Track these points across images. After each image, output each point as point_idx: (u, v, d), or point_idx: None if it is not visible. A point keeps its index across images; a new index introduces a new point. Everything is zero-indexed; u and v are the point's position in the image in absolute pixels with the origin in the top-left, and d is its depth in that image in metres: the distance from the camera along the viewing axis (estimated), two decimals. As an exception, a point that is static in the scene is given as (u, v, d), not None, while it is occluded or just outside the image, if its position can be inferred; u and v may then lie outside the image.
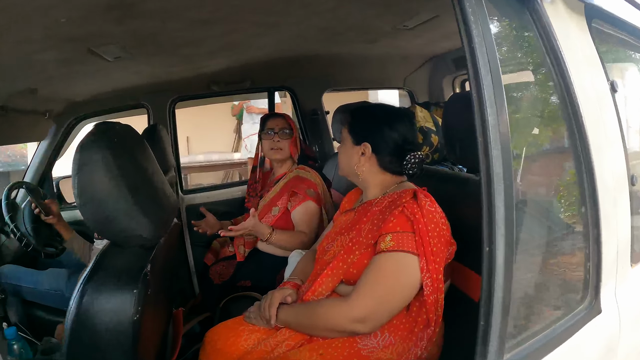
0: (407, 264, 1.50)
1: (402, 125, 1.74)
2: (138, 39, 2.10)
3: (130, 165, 1.32)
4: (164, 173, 2.90)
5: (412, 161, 1.72)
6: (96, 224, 1.30)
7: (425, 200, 1.57)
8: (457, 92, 1.92)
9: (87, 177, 1.23)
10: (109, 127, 1.34)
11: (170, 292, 2.06)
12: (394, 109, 1.83)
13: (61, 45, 1.95)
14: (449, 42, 3.24)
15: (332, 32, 2.64)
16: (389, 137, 1.73)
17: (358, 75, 3.96)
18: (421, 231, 1.50)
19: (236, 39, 2.45)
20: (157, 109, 3.51)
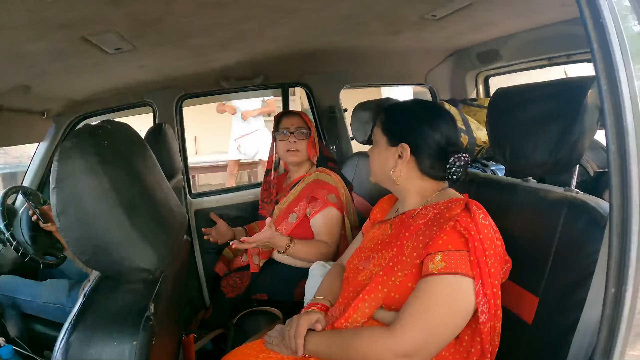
0: (461, 288, 1.30)
1: (444, 124, 1.54)
2: (139, 27, 1.88)
3: (126, 175, 1.08)
4: (170, 177, 2.73)
5: (456, 164, 1.50)
6: (82, 253, 1.03)
7: (479, 213, 1.37)
8: (503, 87, 1.68)
9: (68, 193, 0.99)
10: (97, 127, 1.09)
11: (181, 316, 1.81)
12: (433, 105, 1.64)
13: (51, 33, 1.72)
14: (475, 34, 3.05)
15: (355, 22, 2.43)
16: (431, 137, 1.52)
17: (378, 71, 3.74)
18: (477, 249, 1.30)
19: (249, 28, 2.23)
20: (163, 107, 3.33)
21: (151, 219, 1.12)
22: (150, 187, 1.19)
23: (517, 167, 1.60)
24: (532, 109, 1.52)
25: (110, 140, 1.07)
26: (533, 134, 1.50)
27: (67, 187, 0.98)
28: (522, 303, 1.45)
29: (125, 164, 1.09)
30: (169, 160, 2.74)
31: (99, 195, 0.98)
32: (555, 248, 1.36)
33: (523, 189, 1.58)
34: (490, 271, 1.29)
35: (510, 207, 1.57)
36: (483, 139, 2.94)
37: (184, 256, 1.54)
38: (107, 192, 0.99)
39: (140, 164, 1.20)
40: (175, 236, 1.28)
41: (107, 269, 1.08)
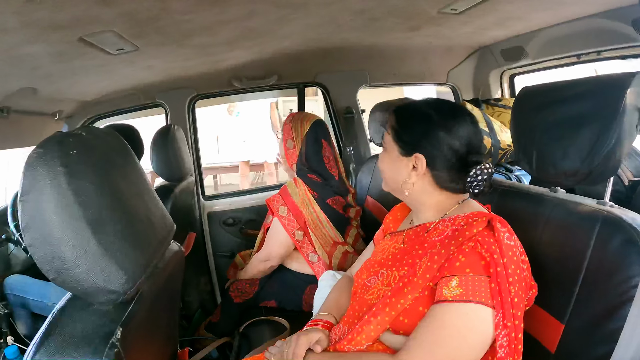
0: (479, 319, 1.16)
1: (464, 129, 1.34)
2: (136, 26, 1.79)
3: (95, 187, 0.99)
4: (179, 180, 2.68)
5: (478, 178, 1.32)
6: (48, 271, 0.95)
7: (503, 232, 1.21)
8: (529, 86, 1.53)
9: (32, 206, 0.91)
10: (69, 134, 1.01)
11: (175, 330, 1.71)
12: (451, 105, 1.42)
13: (46, 35, 1.65)
14: (500, 30, 2.89)
15: (369, 17, 2.31)
16: (448, 145, 1.33)
17: (397, 70, 3.60)
18: (499, 275, 1.15)
19: (256, 25, 2.13)
20: (175, 108, 3.29)
21: (121, 235, 1.03)
22: (125, 200, 1.10)
23: (544, 176, 1.46)
24: (562, 111, 1.37)
25: (81, 149, 0.99)
26: (563, 138, 1.35)
27: (31, 200, 0.91)
28: (545, 329, 1.30)
29: (96, 176, 1.00)
30: (178, 162, 2.70)
31: (62, 209, 0.91)
32: (585, 269, 1.21)
33: (550, 200, 1.41)
34: (514, 300, 1.15)
35: (536, 220, 1.40)
36: (507, 142, 2.81)
37: (173, 268, 1.43)
38: (71, 206, 0.92)
39: (117, 174, 1.11)
40: (154, 252, 1.18)
41: (74, 289, 1.00)
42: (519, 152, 1.55)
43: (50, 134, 2.54)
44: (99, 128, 1.14)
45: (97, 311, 1.03)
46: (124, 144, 1.23)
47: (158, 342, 1.44)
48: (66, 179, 0.91)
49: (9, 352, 2.21)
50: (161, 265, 1.28)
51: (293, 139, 2.45)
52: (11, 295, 2.56)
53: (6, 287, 2.58)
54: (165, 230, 1.32)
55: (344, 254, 2.32)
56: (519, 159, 1.54)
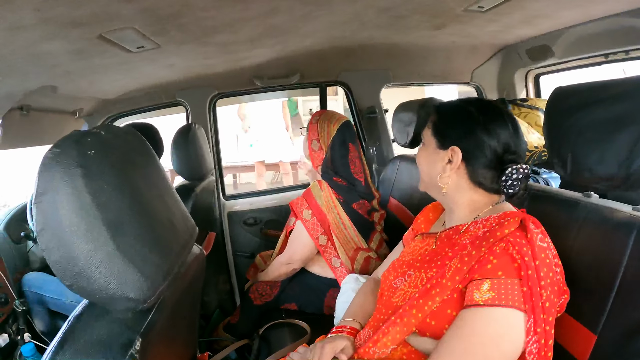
0: (511, 325, 1.11)
1: (503, 129, 1.32)
2: (157, 23, 1.75)
3: (113, 189, 0.94)
4: (200, 179, 2.64)
5: (514, 177, 1.28)
6: (64, 277, 0.90)
7: (536, 233, 1.16)
8: (563, 86, 1.47)
9: (48, 209, 0.86)
10: (86, 134, 0.96)
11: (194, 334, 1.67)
12: (492, 106, 1.40)
13: (65, 32, 1.62)
14: (526, 28, 2.81)
15: (394, 15, 2.25)
16: (486, 143, 1.31)
17: (420, 69, 3.53)
18: (531, 279, 1.10)
19: (279, 23, 2.08)
20: (196, 107, 3.28)
21: (142, 239, 0.98)
22: (146, 202, 1.05)
23: (579, 180, 1.40)
24: (599, 112, 1.30)
25: (99, 148, 0.94)
26: (600, 142, 1.28)
27: (46, 202, 0.86)
28: (576, 339, 1.24)
29: (114, 177, 0.96)
30: (199, 161, 2.67)
31: (79, 211, 0.86)
32: (620, 279, 1.15)
33: (584, 206, 1.36)
34: (545, 305, 1.09)
35: (568, 226, 1.35)
36: (535, 144, 2.74)
37: (195, 272, 1.39)
38: (89, 209, 0.86)
39: (137, 175, 1.06)
40: (176, 257, 1.13)
41: (91, 296, 0.95)
42: (553, 155, 1.48)
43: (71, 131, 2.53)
44: (119, 126, 1.09)
45: (115, 319, 0.98)
46: (144, 143, 1.18)
47: (177, 348, 1.40)
48: (83, 180, 0.86)
49: (25, 349, 2.22)
50: (183, 270, 1.23)
51: (319, 141, 2.41)
52: (29, 292, 2.59)
53: (24, 284, 2.61)
54: (187, 233, 1.27)
55: (366, 260, 2.27)
56: (553, 162, 1.48)
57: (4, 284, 2.42)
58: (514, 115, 1.40)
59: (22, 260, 2.73)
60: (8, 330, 2.35)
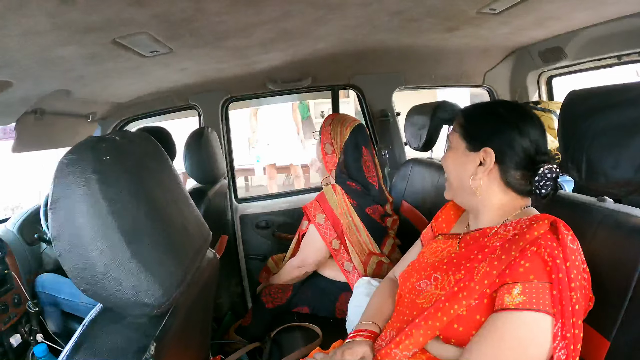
0: (540, 329, 1.10)
1: (533, 129, 1.33)
2: (170, 28, 1.76)
3: (129, 195, 0.94)
4: (213, 182, 2.65)
5: (547, 176, 1.29)
6: (79, 283, 0.90)
7: (566, 235, 1.15)
8: (577, 89, 1.46)
9: (63, 215, 0.86)
10: (101, 139, 0.96)
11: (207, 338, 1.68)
12: (520, 106, 1.40)
13: (79, 37, 1.62)
14: (539, 30, 2.79)
15: (407, 18, 2.24)
16: (518, 143, 1.31)
17: (433, 71, 3.53)
18: (561, 282, 1.09)
19: (292, 27, 2.07)
20: (209, 110, 3.29)
21: (157, 246, 0.98)
22: (161, 208, 1.05)
23: (594, 185, 1.38)
24: (615, 116, 1.28)
25: (114, 154, 0.94)
26: (615, 146, 1.27)
27: (62, 208, 0.86)
28: (589, 345, 1.21)
29: (130, 183, 0.96)
30: (211, 165, 2.67)
31: (95, 218, 0.86)
32: (635, 286, 1.14)
33: (599, 211, 1.35)
34: (574, 308, 1.08)
35: (582, 231, 1.31)
36: (548, 147, 2.71)
37: (208, 277, 1.39)
38: (105, 215, 0.86)
39: (152, 180, 1.06)
40: (190, 263, 1.13)
41: (106, 301, 0.95)
42: (567, 159, 1.46)
43: (84, 136, 2.56)
44: (133, 132, 1.09)
45: (130, 324, 0.99)
46: (158, 148, 1.18)
47: (191, 352, 1.40)
48: (99, 186, 0.86)
49: (38, 350, 2.24)
50: (197, 275, 1.23)
51: (332, 144, 2.41)
52: (42, 293, 2.61)
53: (38, 285, 2.63)
54: (201, 238, 1.27)
55: (378, 264, 2.27)
56: (567, 167, 1.46)
57: (18, 285, 2.45)
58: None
59: (36, 261, 2.74)
60: (21, 331, 2.38)
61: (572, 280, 1.08)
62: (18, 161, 8.77)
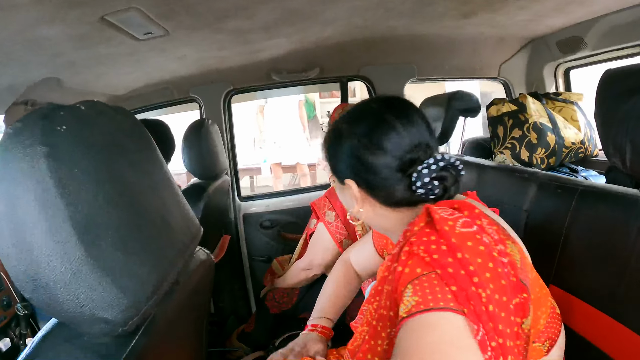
0: (455, 327, 0.81)
1: (387, 135, 1.06)
2: (164, 3, 1.62)
3: (88, 177, 0.73)
4: (213, 178, 2.48)
5: (424, 180, 1.02)
6: (24, 287, 0.71)
7: (454, 219, 0.92)
8: (613, 68, 1.32)
9: (2, 200, 0.67)
10: (59, 107, 0.75)
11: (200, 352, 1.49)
12: (366, 111, 1.15)
13: (63, 13, 1.49)
14: (558, 17, 2.65)
15: (421, 2, 2.12)
16: (375, 163, 1.07)
17: (446, 63, 3.38)
18: (456, 276, 0.84)
19: (298, 7, 1.95)
20: (210, 103, 3.17)
21: (123, 244, 0.77)
22: (132, 195, 0.85)
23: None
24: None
25: (74, 125, 0.74)
26: None
27: (2, 191, 0.67)
28: (636, 354, 1.10)
29: (91, 161, 0.75)
30: (212, 159, 2.52)
31: (39, 204, 0.66)
32: None
33: None
34: (489, 310, 0.82)
35: (625, 228, 1.19)
36: (572, 139, 2.57)
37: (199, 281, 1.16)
38: (53, 201, 0.66)
39: (124, 161, 0.86)
40: (169, 265, 0.92)
41: (56, 314, 0.75)
42: (609, 145, 1.32)
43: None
44: (107, 104, 0.90)
45: (88, 345, 0.77)
46: (138, 125, 0.99)
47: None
48: (47, 162, 0.67)
49: None
50: (182, 280, 1.02)
51: None
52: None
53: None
54: (188, 236, 1.05)
55: None
56: (608, 154, 1.32)
57: (6, 286, 2.33)
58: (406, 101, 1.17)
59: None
60: (10, 335, 2.26)
61: (472, 273, 0.84)
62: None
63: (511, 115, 2.65)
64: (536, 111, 2.59)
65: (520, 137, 2.59)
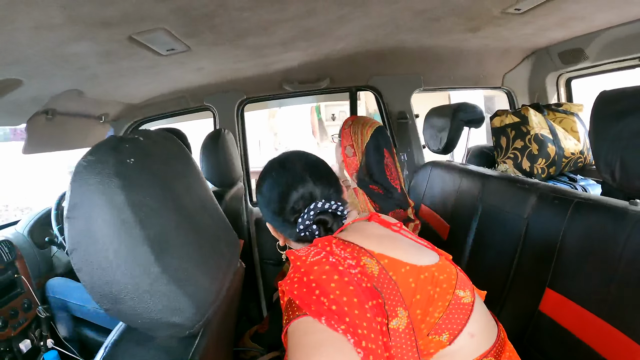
0: (302, 326, 0.94)
1: (279, 191, 1.27)
2: (190, 24, 1.70)
3: (157, 202, 0.83)
4: (230, 185, 2.57)
5: (304, 224, 1.23)
6: (101, 300, 0.80)
7: (304, 256, 1.07)
8: (608, 90, 1.42)
9: (82, 225, 0.76)
10: (123, 140, 0.85)
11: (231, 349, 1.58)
12: (271, 169, 1.35)
13: (93, 32, 1.56)
14: (560, 31, 2.73)
15: (430, 17, 2.19)
16: (270, 212, 1.30)
17: (452, 73, 3.46)
18: (298, 295, 0.98)
19: (314, 25, 2.02)
20: (224, 112, 3.24)
21: (189, 259, 0.88)
22: (191, 215, 0.95)
23: (630, 188, 1.35)
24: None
25: (139, 156, 0.83)
26: None
27: (80, 217, 0.75)
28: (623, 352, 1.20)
29: (157, 188, 0.86)
30: (229, 168, 2.61)
31: (119, 229, 0.75)
32: None
33: (632, 215, 1.29)
34: (338, 309, 0.93)
35: (615, 236, 1.30)
36: (571, 150, 2.65)
37: (235, 289, 1.29)
38: (130, 224, 0.76)
39: (179, 184, 0.96)
40: (223, 276, 1.03)
41: (132, 322, 0.84)
42: (600, 161, 1.44)
43: (96, 137, 2.50)
44: (155, 131, 0.99)
45: (158, 347, 0.88)
46: (183, 149, 1.08)
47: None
48: (124, 192, 0.76)
49: (49, 356, 2.21)
50: (228, 288, 1.12)
51: (353, 146, 2.33)
52: (53, 298, 2.57)
53: (48, 290, 2.60)
54: (233, 248, 1.18)
55: None
56: (600, 170, 1.44)
57: (28, 289, 2.41)
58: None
59: (46, 265, 2.69)
60: (31, 336, 2.34)
61: (314, 288, 0.97)
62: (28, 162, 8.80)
63: (514, 126, 2.72)
64: (537, 123, 2.66)
65: (522, 148, 2.66)
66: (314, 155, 1.36)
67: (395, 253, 1.08)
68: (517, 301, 1.71)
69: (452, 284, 1.08)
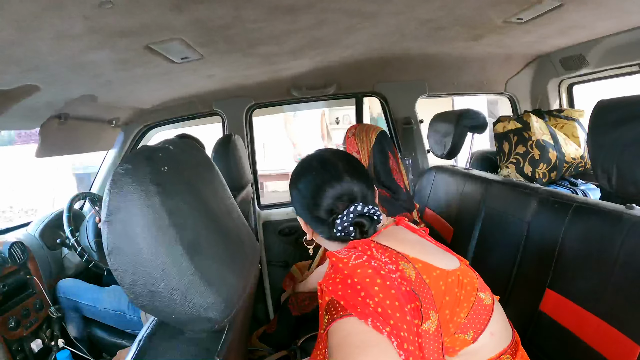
0: (357, 330, 0.98)
1: (317, 188, 1.32)
2: (206, 34, 1.75)
3: (189, 207, 0.89)
4: (240, 190, 2.62)
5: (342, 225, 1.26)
6: (137, 298, 0.85)
7: (345, 258, 1.11)
8: (606, 99, 1.47)
9: (120, 228, 0.81)
10: (156, 149, 0.91)
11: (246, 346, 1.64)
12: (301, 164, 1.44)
13: (112, 41, 1.62)
14: (561, 38, 2.77)
15: (435, 27, 2.24)
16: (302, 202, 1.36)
17: (455, 79, 3.51)
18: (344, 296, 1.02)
19: (323, 35, 2.08)
20: (233, 117, 3.29)
21: (218, 259, 0.94)
22: (218, 219, 1.01)
23: (625, 194, 1.40)
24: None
25: (171, 165, 0.89)
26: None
27: (119, 221, 0.81)
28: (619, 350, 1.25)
29: (189, 194, 0.93)
30: (239, 172, 2.66)
31: (156, 232, 0.81)
32: None
33: (628, 219, 1.34)
34: (382, 311, 0.98)
35: (611, 239, 1.35)
36: (572, 155, 2.70)
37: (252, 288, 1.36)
38: (166, 229, 0.81)
39: (207, 190, 1.02)
40: (247, 274, 1.09)
41: (167, 317, 0.90)
42: (597, 168, 1.50)
43: (107, 140, 2.55)
44: (183, 140, 1.05)
45: (190, 340, 0.94)
46: (207, 157, 1.15)
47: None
48: (160, 198, 0.82)
49: (61, 356, 2.23)
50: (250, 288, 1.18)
51: (359, 152, 2.38)
52: (64, 298, 2.60)
53: (59, 291, 2.63)
54: (254, 250, 1.24)
55: None
56: (597, 176, 1.50)
57: (39, 290, 2.43)
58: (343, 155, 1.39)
59: (57, 266, 2.72)
60: (42, 336, 2.36)
61: (359, 290, 1.02)
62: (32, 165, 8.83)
63: (516, 132, 2.77)
64: (539, 129, 2.71)
65: (524, 153, 2.71)
66: (352, 156, 1.40)
67: (427, 257, 1.14)
68: (518, 301, 1.74)
69: (474, 287, 1.14)
